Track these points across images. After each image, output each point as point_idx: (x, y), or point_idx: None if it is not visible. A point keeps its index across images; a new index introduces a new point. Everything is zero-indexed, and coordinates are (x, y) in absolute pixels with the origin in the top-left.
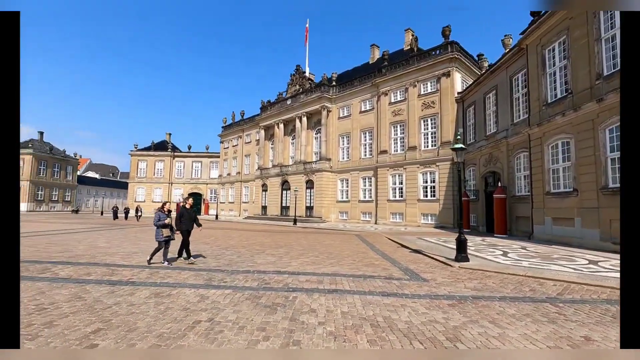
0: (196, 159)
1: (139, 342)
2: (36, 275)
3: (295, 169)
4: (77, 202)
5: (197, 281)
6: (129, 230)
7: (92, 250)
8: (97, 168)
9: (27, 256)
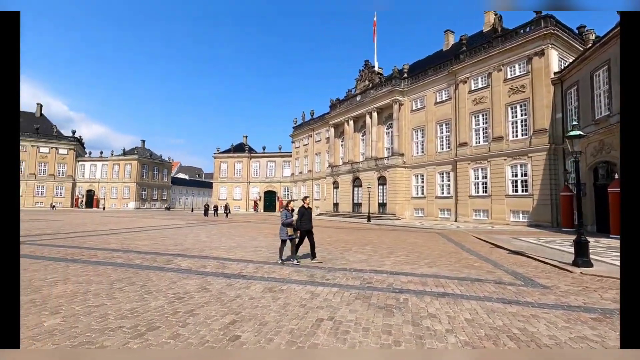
0: (270, 159)
1: (274, 336)
2: (164, 266)
3: (367, 166)
4: (171, 201)
5: (300, 277)
6: (221, 226)
7: (199, 244)
8: (186, 170)
9: (151, 248)
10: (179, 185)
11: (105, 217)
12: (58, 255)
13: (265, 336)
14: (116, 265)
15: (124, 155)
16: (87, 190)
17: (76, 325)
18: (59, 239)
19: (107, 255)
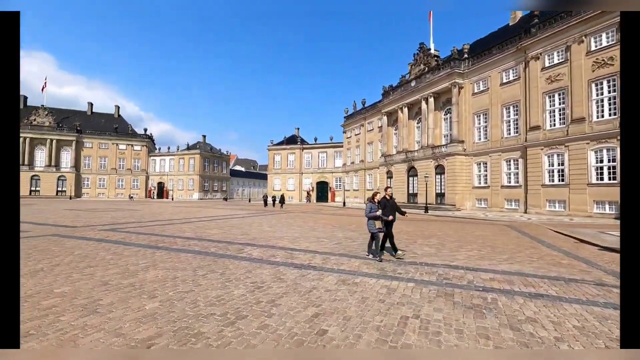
0: (322, 150)
1: (362, 333)
2: (237, 255)
3: (423, 154)
4: (230, 192)
5: (371, 270)
6: (280, 216)
7: (264, 234)
8: (242, 162)
9: (222, 237)
10: (236, 177)
11: (176, 207)
12: (144, 242)
13: (352, 332)
14: (195, 253)
15: (187, 150)
16: (158, 183)
17: (172, 310)
18: (142, 227)
19: (185, 243)
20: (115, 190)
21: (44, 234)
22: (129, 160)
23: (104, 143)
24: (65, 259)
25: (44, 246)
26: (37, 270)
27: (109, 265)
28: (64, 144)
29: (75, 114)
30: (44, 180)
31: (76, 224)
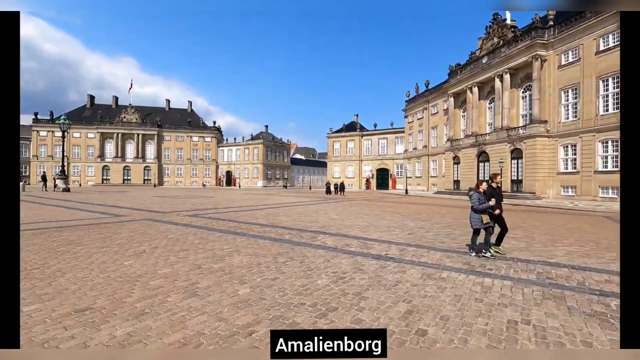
0: (382, 136)
1: (467, 336)
2: (312, 243)
3: (496, 137)
4: (291, 179)
5: (456, 265)
6: (343, 204)
7: (332, 222)
8: (302, 151)
9: (293, 224)
10: (296, 165)
11: (243, 194)
12: (224, 228)
13: (455, 334)
14: (271, 240)
15: (251, 140)
16: (226, 171)
17: (264, 297)
18: (219, 214)
19: (260, 230)
20: (190, 178)
21: (140, 218)
22: (201, 151)
23: (180, 136)
24: (161, 242)
25: (143, 230)
26: (140, 252)
27: (198, 250)
28: (148, 138)
29: (156, 111)
30: (133, 170)
31: (164, 209)
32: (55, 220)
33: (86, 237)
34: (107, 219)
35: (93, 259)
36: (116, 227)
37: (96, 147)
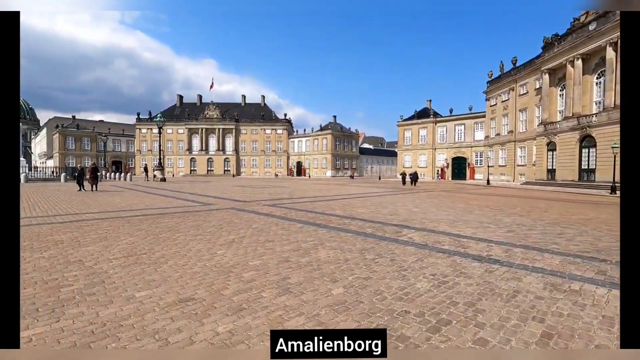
0: (458, 122)
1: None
2: (397, 238)
3: (607, 118)
4: (359, 169)
5: (585, 273)
6: (419, 195)
7: (414, 215)
8: (370, 140)
9: (372, 217)
10: (365, 154)
11: (315, 184)
12: (304, 218)
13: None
14: (354, 233)
15: (320, 130)
16: (297, 162)
17: (361, 300)
18: (296, 204)
19: (340, 222)
20: (264, 169)
21: (226, 207)
22: (274, 143)
23: (254, 129)
24: (247, 232)
25: (229, 218)
26: (230, 242)
27: (283, 241)
28: (227, 132)
29: (233, 106)
30: (215, 161)
31: (245, 198)
32: (156, 207)
33: (182, 224)
34: (198, 207)
35: (190, 247)
36: (206, 214)
37: (185, 141)
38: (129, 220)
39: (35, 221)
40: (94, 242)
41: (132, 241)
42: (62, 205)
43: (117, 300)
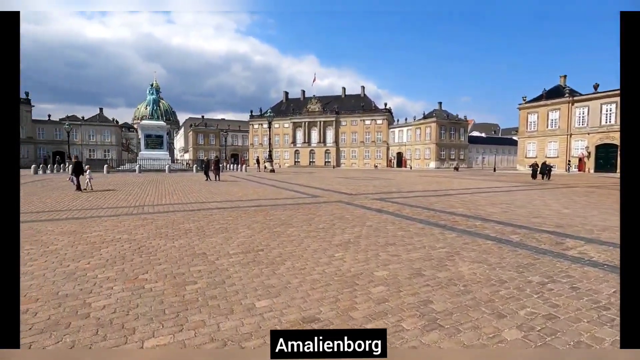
0: (607, 100)
1: None
2: (562, 252)
3: None
4: (468, 160)
5: None
6: (561, 191)
7: (568, 218)
8: (481, 127)
9: (508, 218)
10: (474, 143)
11: (421, 176)
12: (422, 217)
13: None
14: (494, 240)
15: (423, 119)
16: (397, 153)
17: (559, 358)
18: (407, 198)
19: (468, 223)
20: (363, 160)
21: (333, 200)
22: (373, 133)
23: (354, 120)
24: (362, 230)
25: (339, 213)
26: (346, 242)
27: (407, 245)
28: (328, 124)
29: (333, 99)
30: (317, 153)
31: (351, 191)
32: (268, 198)
33: (294, 217)
34: (306, 199)
35: (305, 245)
36: (315, 208)
37: (290, 134)
38: (246, 211)
39: (172, 208)
40: (216, 233)
41: (250, 235)
42: (193, 193)
43: (237, 309)
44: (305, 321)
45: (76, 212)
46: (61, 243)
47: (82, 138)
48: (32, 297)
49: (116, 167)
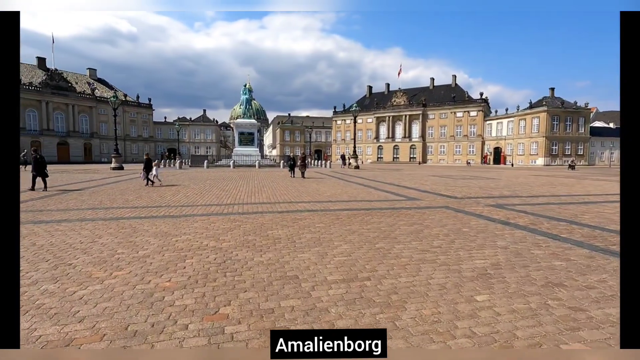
0: None
1: None
2: None
3: None
4: (588, 157)
5: None
6: None
7: None
8: (607, 117)
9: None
10: (598, 135)
11: (532, 175)
12: (575, 236)
13: None
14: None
15: (530, 108)
16: (494, 147)
17: None
18: (533, 206)
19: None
20: (454, 156)
21: (436, 205)
22: (465, 127)
23: (443, 113)
24: (498, 255)
25: (451, 223)
26: (484, 275)
27: (583, 289)
28: (414, 118)
29: (420, 91)
30: (401, 149)
31: (453, 193)
32: (360, 199)
33: (396, 227)
34: (403, 202)
35: (425, 276)
36: (419, 215)
37: (373, 129)
38: (338, 216)
39: (260, 208)
40: (308, 246)
41: (348, 251)
42: (281, 191)
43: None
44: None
45: (174, 209)
46: (151, 247)
47: (189, 136)
48: (99, 331)
49: (214, 163)
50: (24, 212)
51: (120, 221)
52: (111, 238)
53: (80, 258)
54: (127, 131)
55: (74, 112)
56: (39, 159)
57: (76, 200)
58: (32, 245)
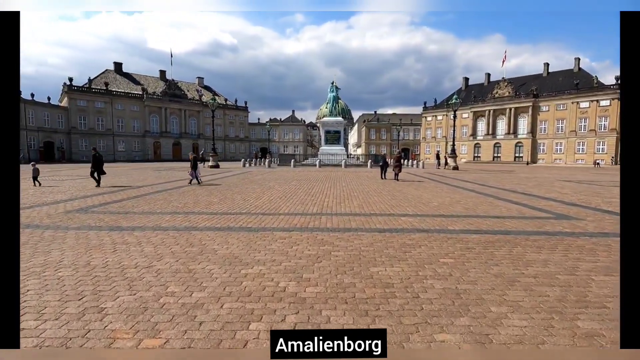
0: None
1: None
2: None
3: None
4: None
5: None
6: None
7: None
8: None
9: None
10: None
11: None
12: None
13: None
14: None
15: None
16: None
17: None
18: None
19: None
20: (575, 155)
21: (606, 227)
22: (593, 120)
23: (561, 104)
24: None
25: None
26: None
27: None
28: (521, 111)
29: (530, 79)
30: (503, 147)
31: None
32: (482, 214)
33: (577, 271)
34: (554, 223)
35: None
36: (591, 248)
37: (469, 126)
38: (467, 244)
39: (354, 224)
40: (444, 312)
41: (527, 334)
42: (374, 198)
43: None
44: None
45: (253, 217)
46: (210, 286)
47: (279, 136)
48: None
49: (301, 162)
50: (110, 214)
51: (192, 233)
52: (171, 262)
53: (118, 299)
54: (227, 132)
55: (185, 116)
56: (98, 157)
57: (164, 201)
58: (85, 266)
